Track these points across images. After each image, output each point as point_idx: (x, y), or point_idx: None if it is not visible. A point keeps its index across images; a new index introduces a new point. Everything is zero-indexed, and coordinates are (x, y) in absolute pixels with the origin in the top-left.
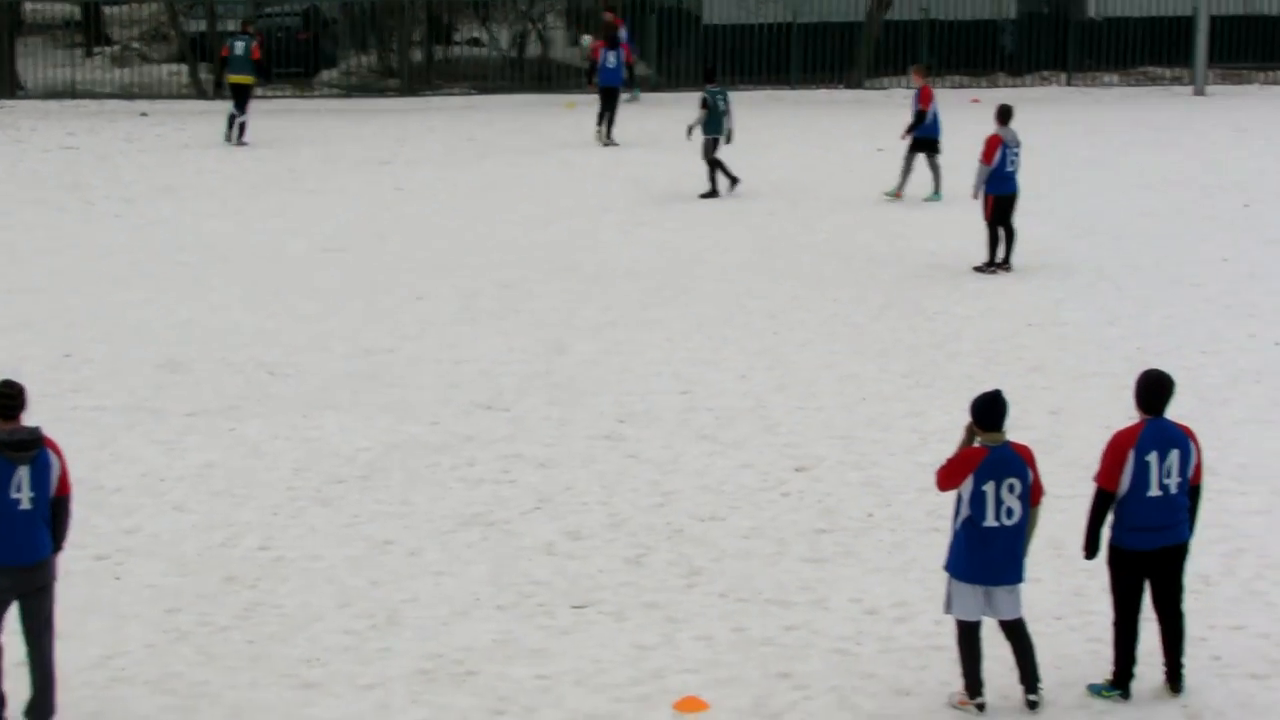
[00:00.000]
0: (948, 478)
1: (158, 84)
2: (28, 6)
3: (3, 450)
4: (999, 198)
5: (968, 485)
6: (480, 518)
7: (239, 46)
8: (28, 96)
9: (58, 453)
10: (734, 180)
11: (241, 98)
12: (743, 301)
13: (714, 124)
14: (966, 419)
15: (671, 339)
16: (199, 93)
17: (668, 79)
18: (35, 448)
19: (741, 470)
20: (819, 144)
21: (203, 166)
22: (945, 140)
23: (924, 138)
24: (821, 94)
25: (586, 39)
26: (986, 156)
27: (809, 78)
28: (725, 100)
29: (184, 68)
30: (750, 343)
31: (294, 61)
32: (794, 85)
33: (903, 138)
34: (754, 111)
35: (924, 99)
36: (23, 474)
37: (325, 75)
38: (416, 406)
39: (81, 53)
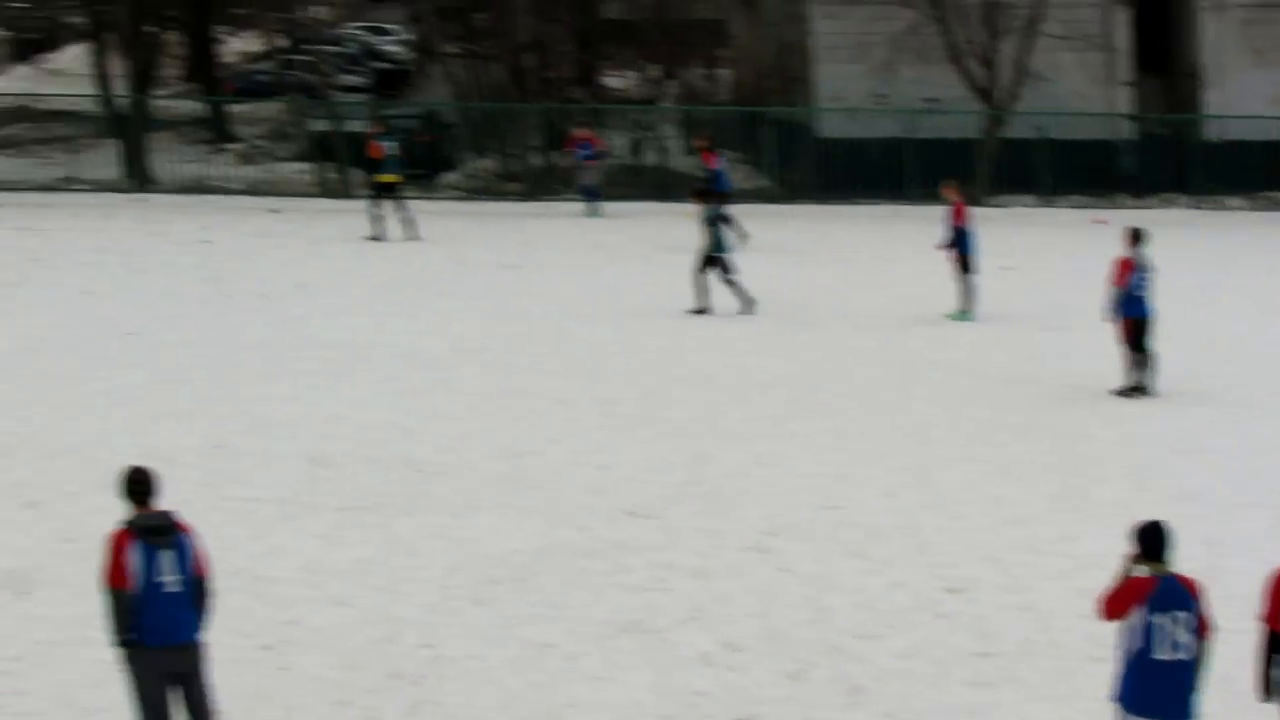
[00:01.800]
0: (1114, 607)
1: (284, 181)
2: (155, 104)
3: (144, 536)
4: (1134, 320)
5: (1135, 615)
6: (637, 624)
7: (388, 146)
8: (161, 191)
9: (193, 535)
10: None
11: (392, 196)
12: (883, 417)
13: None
14: (1122, 546)
15: (815, 452)
16: (325, 191)
17: (784, 191)
18: (173, 532)
19: (894, 589)
20: (944, 261)
21: (334, 264)
22: (1069, 260)
23: (963, 255)
24: (940, 210)
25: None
26: (1118, 279)
27: (926, 193)
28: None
29: (310, 166)
30: (895, 459)
31: (415, 164)
32: (911, 201)
33: (939, 249)
34: (874, 226)
35: (957, 216)
36: (165, 557)
37: (448, 178)
38: (565, 511)
39: (210, 149)
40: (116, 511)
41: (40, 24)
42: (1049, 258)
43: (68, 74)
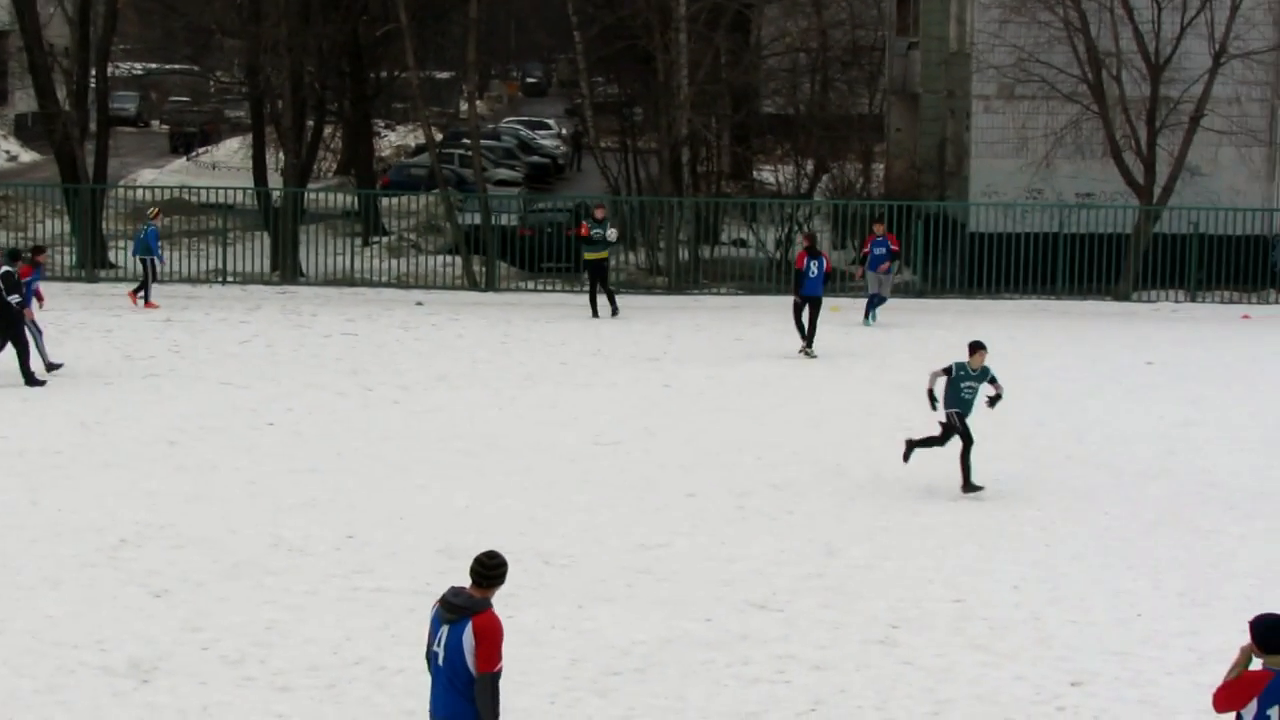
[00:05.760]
0: (1229, 700)
1: (431, 274)
2: (309, 197)
3: (442, 604)
4: None
5: (1251, 709)
6: (755, 717)
7: (594, 227)
8: (308, 283)
9: (485, 634)
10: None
11: (600, 274)
12: (1013, 511)
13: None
14: (1245, 639)
15: (943, 546)
16: (471, 283)
17: (931, 286)
18: (460, 614)
19: (1016, 681)
20: (1087, 355)
21: (476, 356)
22: (1211, 355)
23: None
24: (1088, 305)
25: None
26: None
27: (1076, 288)
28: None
29: (457, 259)
30: (1022, 553)
31: (563, 256)
32: (1060, 295)
33: None
34: (1020, 321)
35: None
36: (444, 632)
37: None
38: (690, 602)
39: (359, 242)
40: (242, 600)
41: (200, 119)
42: (1192, 353)
43: (224, 167)
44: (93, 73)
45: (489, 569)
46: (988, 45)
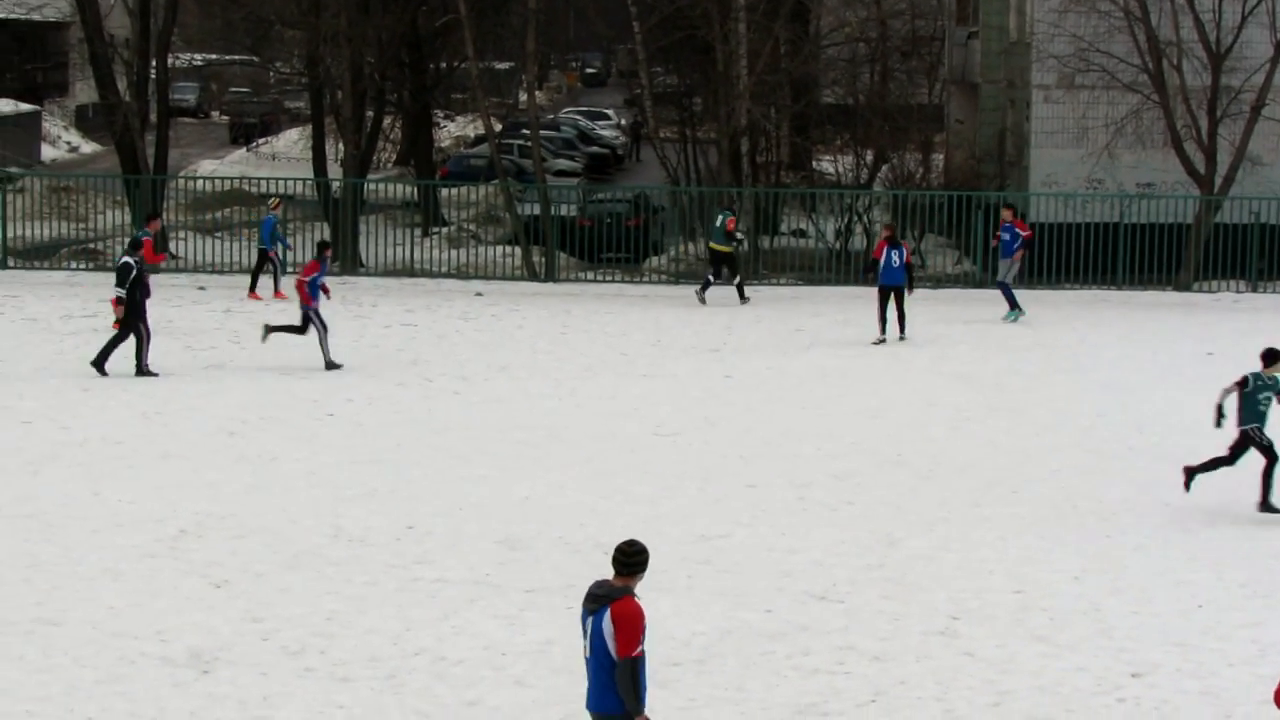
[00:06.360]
0: None
1: (491, 265)
2: (369, 187)
3: (586, 597)
4: None
5: None
6: (815, 708)
7: (718, 219)
8: (368, 274)
9: (622, 619)
10: None
11: (719, 264)
12: (1074, 502)
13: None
14: None
15: (1004, 537)
16: (531, 274)
17: (991, 276)
18: (601, 603)
19: (1076, 673)
20: (1148, 345)
21: (537, 347)
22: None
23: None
24: (1148, 295)
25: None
26: None
27: (1136, 278)
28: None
29: (517, 249)
30: (1084, 545)
31: (623, 246)
32: (1120, 286)
33: None
34: (1081, 311)
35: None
36: (589, 624)
37: (653, 261)
38: (750, 593)
39: (419, 232)
40: (302, 591)
41: (260, 109)
42: (1253, 343)
43: (284, 158)
44: (153, 64)
45: (629, 556)
46: (1048, 35)
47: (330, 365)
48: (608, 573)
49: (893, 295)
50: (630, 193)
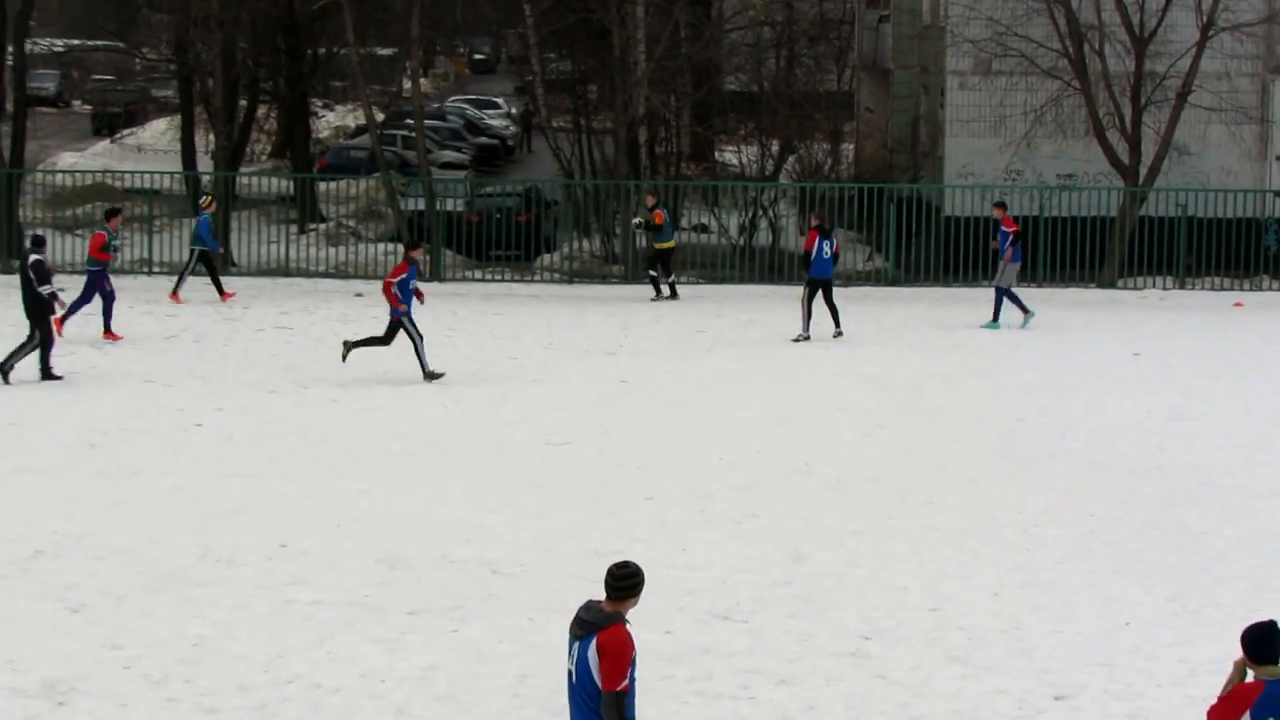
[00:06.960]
0: (1221, 715)
1: (372, 263)
2: (241, 181)
3: (574, 620)
4: None
5: None
6: None
7: (665, 215)
8: (241, 273)
9: (608, 649)
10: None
11: (666, 261)
12: (993, 513)
13: None
14: (1238, 652)
15: (918, 551)
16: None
17: (904, 272)
18: (588, 630)
19: (996, 696)
20: (1071, 345)
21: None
22: (1202, 345)
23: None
24: (1071, 293)
25: None
26: None
27: (1058, 274)
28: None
29: (399, 247)
30: (1002, 558)
31: (513, 243)
32: (1041, 283)
33: None
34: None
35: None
36: (574, 650)
37: (545, 259)
38: (649, 613)
39: (295, 229)
40: (166, 615)
41: (125, 98)
42: (1181, 343)
43: (150, 150)
44: (9, 49)
45: (620, 579)
46: (963, 18)
47: (430, 376)
48: (499, 589)
49: (821, 290)
50: (521, 186)
